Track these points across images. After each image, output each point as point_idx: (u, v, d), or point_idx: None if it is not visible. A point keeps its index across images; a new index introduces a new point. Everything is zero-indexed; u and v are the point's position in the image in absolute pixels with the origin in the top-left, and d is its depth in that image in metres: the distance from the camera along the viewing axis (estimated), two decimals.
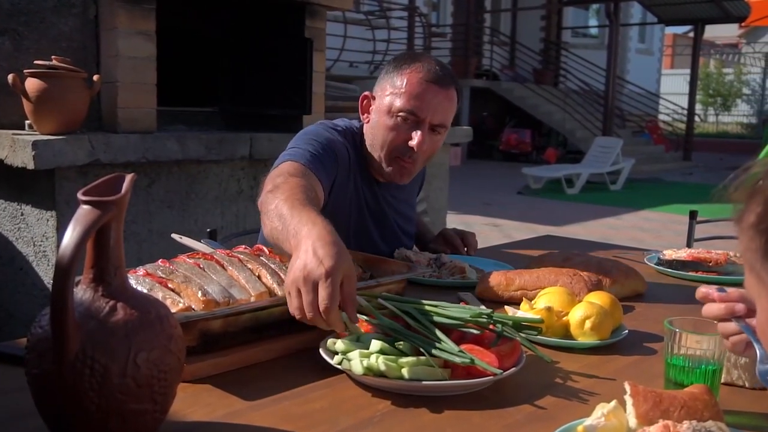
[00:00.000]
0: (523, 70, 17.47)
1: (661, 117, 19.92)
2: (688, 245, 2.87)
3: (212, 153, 2.92)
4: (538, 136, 16.43)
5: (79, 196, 0.93)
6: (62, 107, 2.60)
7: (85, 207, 0.92)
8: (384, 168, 1.85)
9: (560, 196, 11.02)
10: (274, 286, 1.41)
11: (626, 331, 1.44)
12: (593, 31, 21.52)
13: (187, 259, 1.43)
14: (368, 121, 1.88)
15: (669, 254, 2.09)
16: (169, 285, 1.33)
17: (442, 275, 1.89)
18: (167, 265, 1.40)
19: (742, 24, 9.84)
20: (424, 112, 1.77)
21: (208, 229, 2.32)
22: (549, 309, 1.41)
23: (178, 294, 1.32)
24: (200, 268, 1.41)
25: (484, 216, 8.86)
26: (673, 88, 24.25)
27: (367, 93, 1.90)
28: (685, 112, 16.98)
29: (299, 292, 1.18)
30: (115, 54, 2.79)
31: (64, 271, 0.89)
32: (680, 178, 14.12)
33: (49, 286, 2.72)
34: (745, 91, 26.32)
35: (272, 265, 1.48)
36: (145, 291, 1.29)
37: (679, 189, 12.45)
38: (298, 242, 1.25)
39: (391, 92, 1.79)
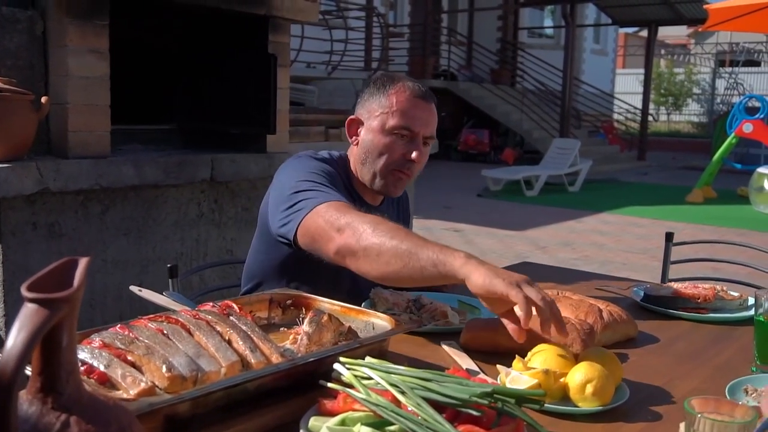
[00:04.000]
0: (480, 70, 17.47)
1: (615, 117, 20.13)
2: (664, 267, 2.81)
3: (171, 177, 2.75)
4: (495, 136, 16.45)
5: (24, 292, 0.79)
6: (7, 131, 2.41)
7: (31, 306, 0.78)
8: (377, 182, 1.92)
9: (519, 198, 11.02)
10: (247, 352, 1.28)
11: (628, 393, 1.34)
12: (548, 31, 21.66)
13: (149, 324, 1.29)
14: (357, 144, 1.94)
15: (655, 289, 2.01)
16: (129, 358, 1.19)
17: (422, 319, 1.77)
18: (126, 332, 1.25)
19: (700, 28, 9.97)
20: (417, 127, 1.88)
21: (168, 265, 2.17)
22: (547, 372, 1.31)
23: (140, 369, 1.17)
24: (164, 334, 1.26)
25: (445, 220, 8.78)
26: (626, 87, 24.55)
27: (353, 116, 1.96)
28: (638, 111, 17.18)
29: (519, 288, 1.31)
30: (65, 73, 2.59)
31: (7, 386, 0.74)
32: (635, 178, 14.27)
33: None
34: (696, 90, 26.80)
35: (244, 327, 1.34)
36: (102, 368, 1.15)
37: (635, 189, 12.57)
38: (465, 263, 1.38)
39: (381, 112, 1.88)
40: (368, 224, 1.54)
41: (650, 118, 19.30)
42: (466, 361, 1.52)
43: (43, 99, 2.50)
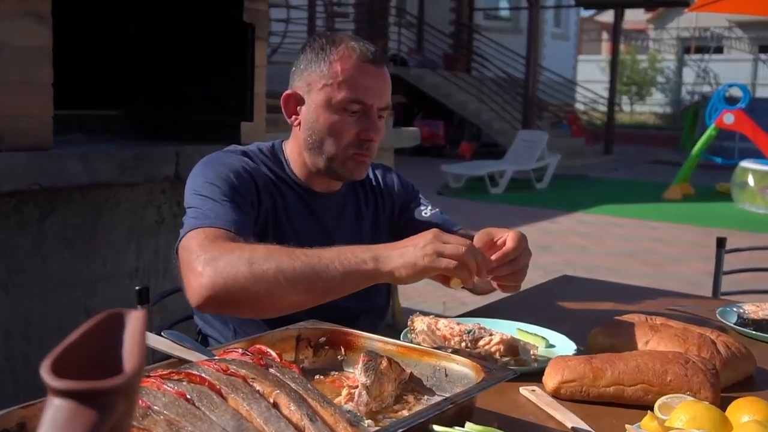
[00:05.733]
0: (432, 54, 17.31)
1: (578, 106, 20.28)
2: (716, 279, 2.64)
3: (127, 174, 2.42)
4: (450, 128, 16.30)
5: (49, 379, 0.50)
6: None
7: (65, 405, 0.49)
8: (336, 168, 1.74)
9: (484, 196, 10.88)
10: (305, 422, 1.00)
11: None
12: (504, 13, 21.65)
13: (166, 386, 0.99)
14: (299, 124, 1.76)
15: (753, 310, 1.81)
16: None
17: (482, 355, 1.51)
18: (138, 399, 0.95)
19: (686, 10, 10.01)
20: (370, 99, 1.69)
21: (137, 287, 1.87)
22: None
23: None
24: (188, 400, 0.97)
25: None
26: (585, 75, 24.77)
27: (289, 92, 1.76)
28: (602, 100, 17.28)
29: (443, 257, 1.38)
30: None
31: None
32: (604, 173, 14.35)
33: None
34: (660, 79, 27.21)
35: (293, 384, 1.06)
36: None
37: (607, 186, 12.63)
38: (377, 264, 1.41)
39: (324, 84, 1.69)
40: (244, 256, 1.42)
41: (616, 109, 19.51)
42: (568, 417, 1.27)
43: None
